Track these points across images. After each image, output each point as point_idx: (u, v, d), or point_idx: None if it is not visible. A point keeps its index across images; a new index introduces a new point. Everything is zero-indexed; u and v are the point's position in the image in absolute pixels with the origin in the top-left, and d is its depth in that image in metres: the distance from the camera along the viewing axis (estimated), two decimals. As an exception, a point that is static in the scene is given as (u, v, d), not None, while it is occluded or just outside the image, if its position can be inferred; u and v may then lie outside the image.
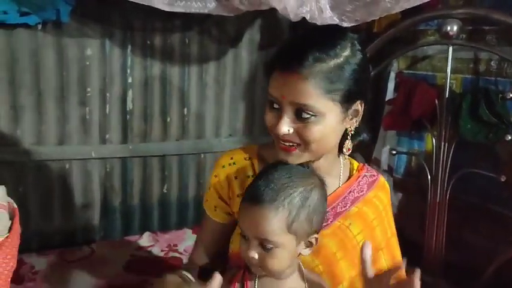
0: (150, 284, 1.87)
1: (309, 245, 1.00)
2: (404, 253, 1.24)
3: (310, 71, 0.95)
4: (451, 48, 1.91)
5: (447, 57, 1.93)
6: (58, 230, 2.28)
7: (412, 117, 2.09)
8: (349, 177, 1.19)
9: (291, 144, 1.01)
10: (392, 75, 2.28)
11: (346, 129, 1.06)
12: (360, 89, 1.03)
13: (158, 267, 2.05)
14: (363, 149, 2.23)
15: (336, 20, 1.74)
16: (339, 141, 1.08)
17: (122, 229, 2.45)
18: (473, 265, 1.88)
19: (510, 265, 1.75)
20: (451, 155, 1.95)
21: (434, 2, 1.58)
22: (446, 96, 1.94)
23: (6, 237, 1.04)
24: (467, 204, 1.97)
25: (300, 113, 0.98)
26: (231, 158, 1.20)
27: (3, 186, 1.12)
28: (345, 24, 1.78)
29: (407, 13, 1.75)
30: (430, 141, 2.06)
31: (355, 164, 1.22)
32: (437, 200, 1.97)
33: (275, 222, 0.94)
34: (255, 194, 0.97)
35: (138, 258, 2.12)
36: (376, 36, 2.18)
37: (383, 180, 1.23)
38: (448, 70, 1.93)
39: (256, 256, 0.96)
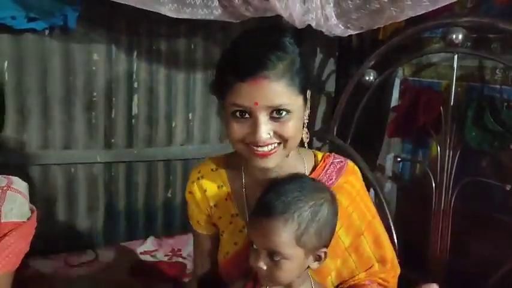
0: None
1: (318, 258, 1.01)
2: (408, 260, 1.24)
3: (276, 72, 0.96)
4: (456, 56, 1.91)
5: (452, 65, 1.92)
6: (62, 233, 2.29)
7: (416, 124, 2.09)
8: (314, 168, 1.18)
9: (270, 147, 1.01)
10: (397, 82, 2.28)
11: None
12: (308, 79, 1.06)
13: (162, 272, 2.05)
14: (368, 156, 2.23)
15: (341, 28, 1.76)
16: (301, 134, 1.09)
17: (126, 233, 2.46)
18: (478, 273, 1.87)
19: (514, 274, 1.75)
20: (455, 162, 1.94)
21: (439, 10, 1.58)
22: (451, 103, 1.93)
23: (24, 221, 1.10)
24: (471, 212, 1.96)
25: (275, 113, 0.98)
26: (199, 172, 1.22)
27: (26, 183, 1.20)
28: (350, 32, 1.80)
29: (412, 21, 1.76)
30: (434, 149, 2.06)
31: (320, 154, 1.21)
32: (442, 208, 1.97)
33: (284, 234, 0.94)
34: (265, 206, 0.97)
35: (143, 262, 2.12)
36: (381, 43, 2.18)
37: (352, 165, 1.22)
38: (453, 78, 1.93)
39: (264, 267, 0.97)
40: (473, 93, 1.97)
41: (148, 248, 2.26)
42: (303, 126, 1.08)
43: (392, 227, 1.91)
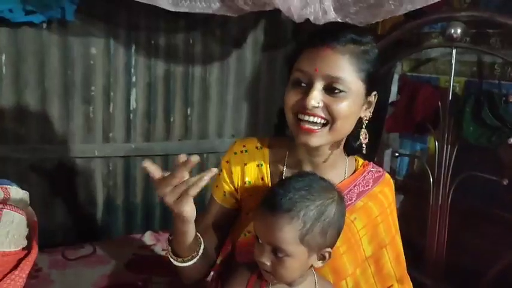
0: (152, 282, 1.87)
1: (322, 258, 1.00)
2: (406, 255, 1.24)
3: (345, 48, 1.00)
4: (454, 51, 1.91)
5: (451, 60, 1.92)
6: (61, 227, 2.29)
7: (415, 119, 2.09)
8: (354, 172, 1.20)
9: (315, 121, 1.01)
10: (396, 77, 2.28)
11: (360, 119, 1.09)
12: (377, 80, 1.08)
13: (160, 266, 2.05)
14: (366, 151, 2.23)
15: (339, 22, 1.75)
16: (351, 129, 1.09)
17: (124, 227, 2.46)
18: (475, 268, 1.88)
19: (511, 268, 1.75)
20: (453, 157, 1.94)
21: (438, 5, 1.58)
22: (450, 99, 1.93)
23: (25, 254, 1.02)
24: (469, 207, 1.96)
25: (331, 87, 1.00)
26: (244, 146, 1.21)
27: (27, 192, 1.14)
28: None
29: (411, 15, 1.76)
30: (432, 144, 2.06)
31: (361, 160, 1.23)
32: (439, 203, 1.97)
33: (288, 232, 0.94)
34: (272, 202, 0.97)
35: (140, 256, 2.12)
36: (380, 38, 2.18)
37: (388, 177, 1.23)
38: (452, 73, 1.92)
39: (268, 263, 0.96)
40: (471, 88, 1.97)
41: (146, 242, 2.26)
42: (361, 127, 1.09)
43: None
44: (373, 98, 1.09)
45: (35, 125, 2.18)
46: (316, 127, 1.02)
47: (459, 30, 1.86)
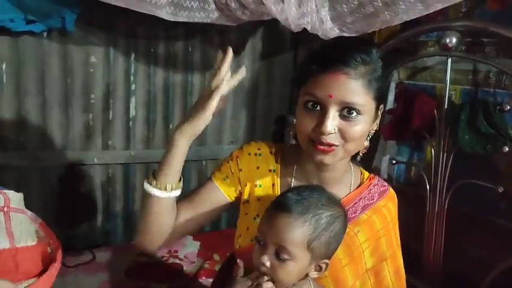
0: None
1: (318, 269, 1.02)
2: (403, 262, 1.26)
3: (357, 71, 1.00)
4: (450, 60, 1.93)
5: (446, 69, 1.94)
6: (60, 234, 2.29)
7: (411, 127, 2.11)
8: (360, 185, 1.21)
9: (330, 145, 1.03)
10: (393, 85, 2.29)
11: (368, 132, 1.10)
12: (385, 93, 1.11)
13: (159, 273, 2.06)
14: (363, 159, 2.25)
15: (336, 31, 1.77)
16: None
17: (123, 234, 2.47)
18: (471, 275, 1.89)
19: (507, 275, 1.76)
20: (449, 165, 1.96)
21: (434, 14, 1.60)
22: (445, 107, 1.95)
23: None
24: (465, 214, 1.98)
25: (346, 112, 1.01)
26: (258, 149, 1.22)
27: (21, 193, 1.18)
28: (345, 35, 1.81)
29: (407, 25, 1.78)
30: (429, 152, 2.07)
31: (366, 173, 1.25)
32: (436, 210, 1.99)
33: (299, 234, 0.96)
34: (285, 203, 0.99)
35: (139, 263, 2.13)
36: (376, 46, 2.20)
37: (393, 192, 1.25)
38: (447, 81, 1.94)
39: (268, 264, 0.97)
40: (466, 97, 1.98)
41: (145, 249, 2.26)
42: (367, 138, 1.10)
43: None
44: (381, 111, 1.11)
45: (35, 132, 2.19)
46: (330, 147, 1.03)
47: (454, 40, 1.88)
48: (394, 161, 2.29)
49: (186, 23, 1.83)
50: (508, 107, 1.77)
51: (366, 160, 2.31)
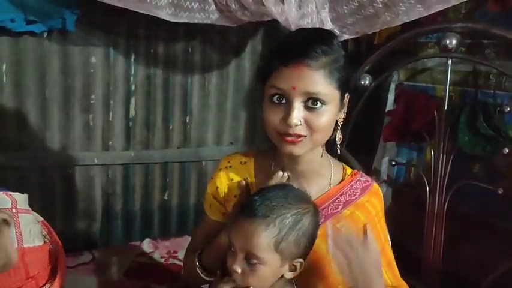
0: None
1: (293, 269, 1.02)
2: (402, 264, 1.26)
3: (319, 62, 1.02)
4: (450, 61, 1.93)
5: (447, 70, 1.95)
6: (59, 235, 2.28)
7: (411, 128, 2.11)
8: (341, 181, 1.22)
9: (297, 136, 1.04)
10: (393, 86, 2.30)
11: (336, 121, 1.12)
12: (349, 82, 1.11)
13: (158, 274, 2.06)
14: (363, 160, 2.25)
15: (336, 32, 1.77)
16: (330, 134, 1.12)
17: (123, 235, 2.47)
18: (471, 276, 1.89)
19: (507, 277, 1.76)
20: (449, 166, 1.96)
21: (434, 16, 1.60)
22: (445, 108, 1.95)
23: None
24: (464, 215, 1.98)
25: (310, 103, 1.03)
26: (228, 162, 1.27)
27: (26, 194, 1.20)
28: (345, 36, 1.81)
29: (407, 26, 1.78)
30: (429, 153, 2.07)
31: (349, 169, 1.26)
32: (435, 211, 1.99)
33: (264, 237, 0.95)
34: (249, 208, 0.99)
35: (139, 264, 2.13)
36: (376, 48, 2.20)
37: (376, 187, 1.25)
38: (447, 83, 1.95)
39: (239, 270, 0.97)
40: (466, 98, 1.99)
41: (145, 250, 2.27)
42: (336, 128, 1.12)
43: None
44: (346, 99, 1.13)
45: (35, 133, 2.19)
46: (298, 138, 1.05)
47: (454, 41, 1.88)
48: (393, 162, 2.29)
49: (186, 23, 1.83)
50: (508, 109, 1.78)
51: (366, 161, 2.33)
